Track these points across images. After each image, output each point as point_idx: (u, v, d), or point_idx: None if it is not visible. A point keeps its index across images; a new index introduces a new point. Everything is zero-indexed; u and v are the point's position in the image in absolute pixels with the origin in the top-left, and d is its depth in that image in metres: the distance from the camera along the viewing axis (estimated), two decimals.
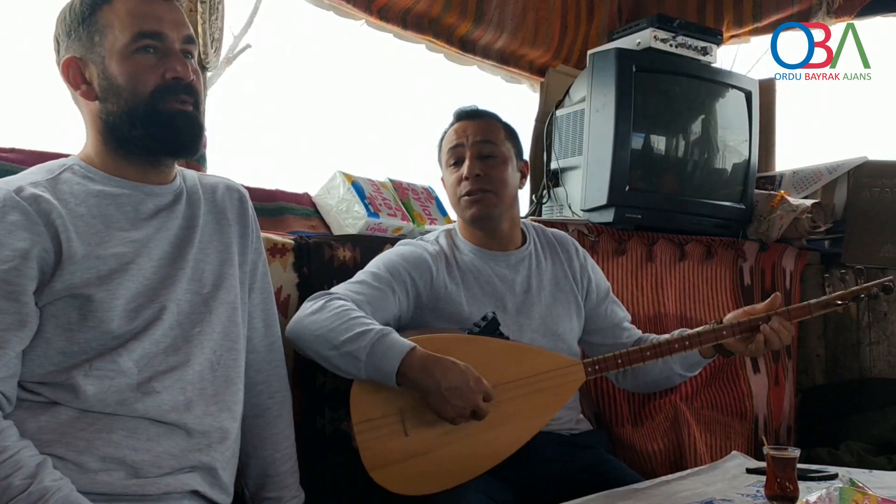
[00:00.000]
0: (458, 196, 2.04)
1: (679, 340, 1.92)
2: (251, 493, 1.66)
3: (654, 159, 2.90)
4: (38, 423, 1.33)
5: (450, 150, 2.06)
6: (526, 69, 3.40)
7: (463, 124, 2.07)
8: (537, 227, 2.23)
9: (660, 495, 1.72)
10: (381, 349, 1.68)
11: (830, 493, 1.38)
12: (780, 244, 3.08)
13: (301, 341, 1.79)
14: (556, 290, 2.11)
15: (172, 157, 1.49)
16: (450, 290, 1.98)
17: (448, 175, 2.08)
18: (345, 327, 1.72)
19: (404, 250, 2.02)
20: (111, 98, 1.40)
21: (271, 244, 2.00)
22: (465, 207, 2.03)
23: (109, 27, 1.39)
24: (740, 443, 2.78)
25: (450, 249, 2.06)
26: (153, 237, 1.44)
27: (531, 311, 2.04)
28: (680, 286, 2.85)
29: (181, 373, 1.43)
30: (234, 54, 3.56)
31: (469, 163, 2.01)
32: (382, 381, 1.69)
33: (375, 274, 1.93)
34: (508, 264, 2.07)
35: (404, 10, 2.91)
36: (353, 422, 1.74)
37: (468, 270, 2.03)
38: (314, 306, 1.80)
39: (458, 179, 2.03)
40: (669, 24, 2.89)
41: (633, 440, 2.56)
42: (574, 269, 2.17)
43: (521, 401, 1.82)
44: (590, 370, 1.90)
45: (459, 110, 2.13)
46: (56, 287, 1.33)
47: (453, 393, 1.66)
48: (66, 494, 1.25)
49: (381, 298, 1.89)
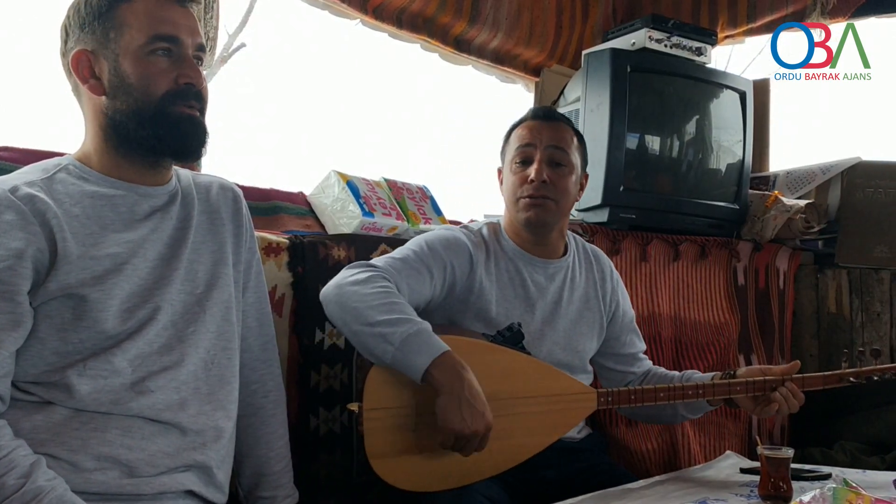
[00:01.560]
0: (518, 196, 2.00)
1: (693, 388, 1.91)
2: (245, 493, 1.65)
3: (649, 159, 2.91)
4: (33, 423, 1.33)
5: (519, 149, 2.02)
6: (521, 69, 3.40)
7: (537, 124, 2.03)
8: (579, 239, 2.22)
9: (654, 495, 1.72)
10: (416, 341, 1.65)
11: (824, 493, 1.38)
12: (773, 244, 3.09)
13: (334, 306, 1.75)
14: (584, 308, 2.10)
15: (176, 160, 1.49)
16: (483, 285, 1.96)
17: (510, 172, 2.04)
18: (386, 308, 1.69)
19: (447, 235, 1.98)
20: (121, 96, 1.40)
21: (266, 243, 2.00)
22: (522, 209, 2.00)
23: (127, 26, 1.39)
24: (734, 443, 2.79)
25: (493, 244, 2.04)
26: (148, 238, 1.44)
27: (556, 323, 2.04)
28: (674, 286, 2.86)
29: (175, 372, 1.42)
30: (228, 53, 3.54)
31: (538, 166, 1.97)
32: (407, 373, 1.66)
33: (417, 253, 1.90)
34: (546, 272, 2.06)
35: (399, 9, 2.91)
36: (365, 406, 1.71)
37: (505, 270, 2.02)
38: (358, 276, 1.77)
39: (523, 180, 1.99)
40: (664, 24, 2.90)
41: (627, 440, 2.56)
42: (605, 290, 2.16)
43: (530, 417, 1.81)
44: (602, 401, 1.89)
45: (535, 109, 2.10)
46: (50, 287, 1.32)
47: (469, 408, 1.62)
48: (60, 494, 1.25)
49: (418, 279, 1.86)
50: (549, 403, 1.84)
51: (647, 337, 2.63)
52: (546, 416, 1.84)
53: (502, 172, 2.10)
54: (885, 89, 3.28)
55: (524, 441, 1.80)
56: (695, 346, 2.83)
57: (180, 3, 1.44)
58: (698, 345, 2.84)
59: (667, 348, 2.76)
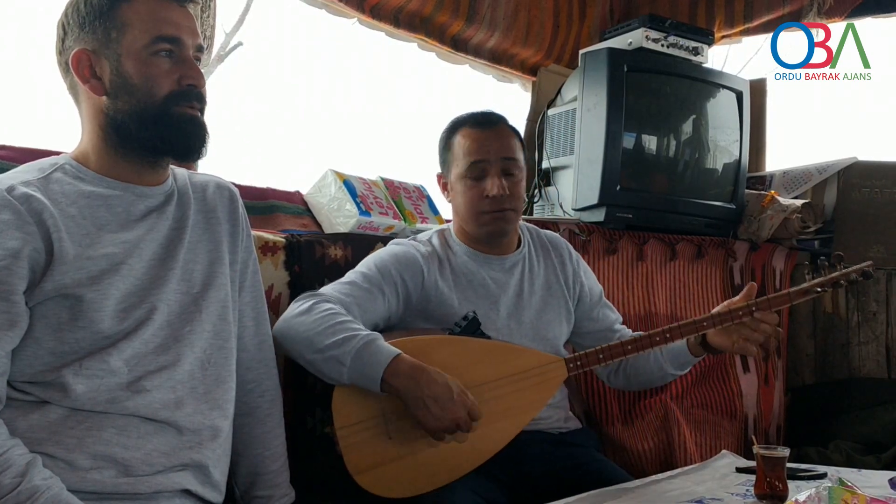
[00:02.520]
0: (479, 211, 1.99)
1: (660, 333, 1.91)
2: (241, 492, 1.66)
3: (645, 159, 2.91)
4: (29, 422, 1.33)
5: (473, 164, 1.98)
6: (518, 68, 3.40)
7: (485, 135, 2.00)
8: (532, 228, 2.22)
9: (650, 494, 1.72)
10: (366, 355, 1.67)
11: (819, 493, 1.39)
12: (770, 244, 3.09)
13: (286, 342, 1.78)
14: (547, 295, 2.11)
15: (178, 160, 1.50)
16: (442, 291, 1.97)
17: (465, 187, 2.00)
18: (331, 331, 1.72)
19: (396, 250, 2.00)
20: (123, 96, 1.40)
21: (262, 242, 1.99)
22: (485, 223, 2.00)
23: (129, 26, 1.39)
24: (730, 442, 2.78)
25: (443, 250, 2.04)
26: (144, 238, 1.44)
27: (521, 316, 2.04)
28: (670, 286, 2.86)
29: (171, 372, 1.42)
30: (225, 52, 3.54)
31: (497, 181, 1.96)
32: (366, 388, 1.69)
33: (365, 274, 1.92)
34: (503, 268, 2.07)
35: (396, 8, 2.91)
36: (336, 427, 1.74)
37: (461, 273, 2.02)
38: (302, 307, 1.79)
39: (479, 195, 1.97)
40: (661, 24, 2.90)
41: (623, 439, 2.56)
42: (567, 274, 2.16)
43: (503, 399, 1.82)
44: (571, 366, 1.90)
45: (476, 115, 2.05)
46: (46, 287, 1.32)
47: (436, 403, 1.65)
48: (56, 493, 1.25)
49: (369, 300, 1.88)
50: (519, 381, 1.84)
51: None
52: (519, 395, 1.85)
53: (448, 182, 2.07)
54: (882, 89, 3.29)
55: (502, 424, 1.81)
56: None
57: (180, 3, 1.44)
58: None
59: None
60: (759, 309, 1.88)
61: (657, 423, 2.60)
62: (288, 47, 4.32)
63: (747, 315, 1.88)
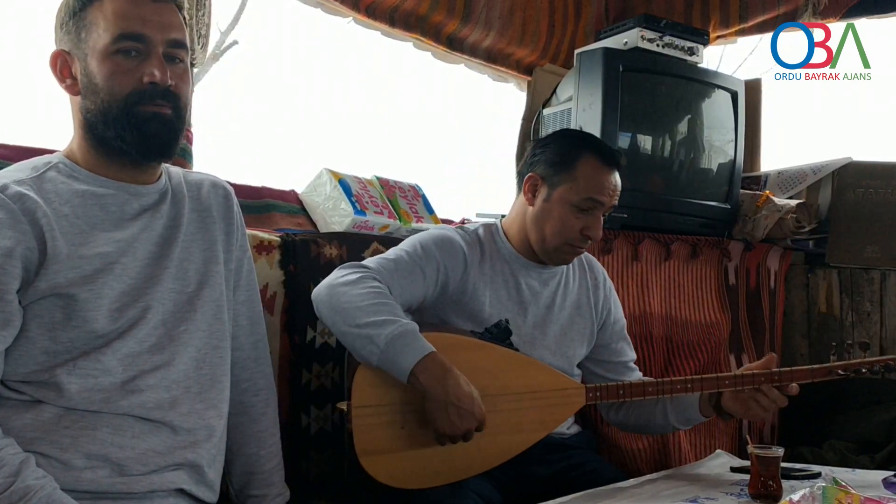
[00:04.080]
0: (569, 243, 1.96)
1: (681, 381, 1.90)
2: (236, 491, 1.65)
3: (641, 159, 2.91)
4: (23, 421, 1.32)
5: (589, 200, 1.94)
6: (513, 68, 3.40)
7: (614, 178, 1.98)
8: None
9: (644, 494, 1.73)
10: (401, 343, 1.66)
11: (814, 492, 1.39)
12: (764, 244, 3.10)
13: (325, 307, 1.76)
14: (575, 314, 2.10)
15: (145, 160, 1.45)
16: (477, 286, 1.96)
17: (568, 212, 1.95)
18: (373, 310, 1.70)
19: (443, 235, 1.98)
20: (90, 96, 1.39)
21: (257, 241, 1.99)
22: (564, 253, 1.99)
23: (95, 25, 1.38)
24: (724, 441, 2.79)
25: (488, 246, 2.03)
26: (138, 237, 1.43)
27: (547, 328, 2.04)
28: (665, 285, 2.86)
29: (166, 371, 1.42)
30: (220, 51, 3.54)
31: (599, 227, 1.97)
32: (392, 375, 1.68)
33: (410, 254, 1.90)
34: (541, 278, 2.06)
35: (392, 7, 2.91)
36: (353, 404, 1.72)
37: (500, 272, 2.01)
38: (349, 277, 1.78)
39: (580, 229, 1.95)
40: (656, 24, 2.90)
41: (617, 439, 2.57)
42: (598, 298, 2.16)
43: (519, 413, 1.82)
44: (591, 395, 1.89)
45: (612, 152, 2.02)
46: (40, 286, 1.32)
47: (455, 409, 1.65)
48: (49, 493, 1.25)
49: (410, 280, 1.87)
50: (537, 399, 1.85)
51: (638, 336, 2.65)
52: (535, 412, 1.85)
53: (547, 192, 1.99)
54: (878, 89, 3.30)
55: (513, 437, 1.81)
56: (686, 346, 2.84)
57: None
58: (689, 344, 2.84)
59: (658, 348, 2.76)
60: (781, 380, 1.87)
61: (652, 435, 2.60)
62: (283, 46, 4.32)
63: (769, 384, 1.87)
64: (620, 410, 2.13)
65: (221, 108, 3.50)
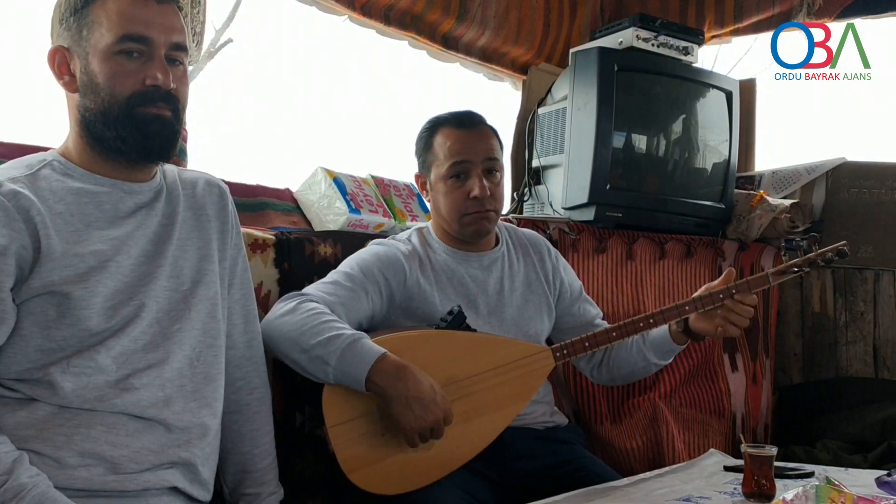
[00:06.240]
0: (463, 213, 1.99)
1: (643, 318, 1.94)
2: (230, 490, 1.65)
3: (635, 158, 2.92)
4: (16, 419, 1.32)
5: (455, 164, 1.98)
6: (508, 67, 3.40)
7: (467, 135, 2.01)
8: (509, 227, 2.23)
9: (638, 493, 1.73)
10: (350, 354, 1.68)
11: (807, 491, 1.39)
12: (758, 244, 3.10)
13: (271, 342, 1.77)
14: (527, 292, 2.11)
15: (144, 161, 1.46)
16: (423, 289, 1.97)
17: (448, 188, 2.00)
18: (316, 331, 1.72)
19: (378, 250, 2.00)
20: (89, 95, 1.39)
21: (252, 240, 1.99)
22: (468, 224, 2.00)
23: (98, 24, 1.38)
24: (718, 441, 2.79)
25: (423, 249, 2.05)
26: (132, 235, 1.43)
27: (503, 313, 2.05)
28: (660, 285, 2.86)
29: (160, 370, 1.42)
30: (215, 48, 3.53)
31: (480, 182, 1.97)
32: (351, 387, 1.69)
33: (348, 274, 1.92)
34: (482, 265, 2.07)
35: (387, 6, 2.90)
36: (328, 425, 1.74)
37: (441, 270, 2.03)
38: (286, 307, 1.79)
39: (464, 196, 1.98)
40: (651, 23, 2.91)
41: (611, 437, 2.57)
42: (546, 270, 2.17)
43: (492, 391, 1.83)
44: (558, 355, 1.93)
45: (458, 115, 2.05)
46: (34, 284, 1.32)
47: (419, 403, 1.66)
48: (43, 491, 1.25)
49: (353, 299, 1.88)
50: (506, 372, 1.86)
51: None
52: (508, 386, 1.86)
53: (428, 181, 2.07)
54: (873, 90, 3.30)
55: (494, 416, 1.82)
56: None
57: (158, 0, 1.41)
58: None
59: None
60: (738, 291, 1.90)
61: (645, 422, 2.60)
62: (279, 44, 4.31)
63: (728, 297, 1.90)
64: (602, 368, 2.16)
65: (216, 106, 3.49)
